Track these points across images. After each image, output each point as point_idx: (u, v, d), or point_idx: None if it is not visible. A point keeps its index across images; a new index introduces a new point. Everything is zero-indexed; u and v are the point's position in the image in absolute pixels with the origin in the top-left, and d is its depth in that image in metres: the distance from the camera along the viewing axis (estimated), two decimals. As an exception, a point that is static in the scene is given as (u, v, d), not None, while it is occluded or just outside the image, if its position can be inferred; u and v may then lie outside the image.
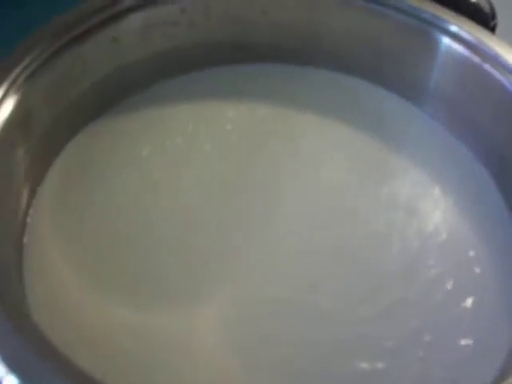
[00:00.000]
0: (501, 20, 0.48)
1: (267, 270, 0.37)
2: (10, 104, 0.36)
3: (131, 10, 0.42)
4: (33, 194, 0.39)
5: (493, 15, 0.49)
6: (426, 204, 0.40)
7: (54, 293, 0.35)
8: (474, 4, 0.43)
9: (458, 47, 0.40)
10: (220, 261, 0.37)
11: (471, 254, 0.38)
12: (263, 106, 0.44)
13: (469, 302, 0.36)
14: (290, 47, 0.45)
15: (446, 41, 0.40)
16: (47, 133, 0.39)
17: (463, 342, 0.35)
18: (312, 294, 0.36)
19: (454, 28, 0.40)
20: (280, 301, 0.36)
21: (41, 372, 0.27)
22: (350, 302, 0.36)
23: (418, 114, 0.44)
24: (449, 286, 0.37)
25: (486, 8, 0.45)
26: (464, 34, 0.39)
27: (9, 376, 0.27)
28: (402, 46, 0.42)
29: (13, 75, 0.36)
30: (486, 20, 0.47)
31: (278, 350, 0.34)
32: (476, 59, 0.40)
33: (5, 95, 0.36)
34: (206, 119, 0.44)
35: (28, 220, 0.38)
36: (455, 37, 0.40)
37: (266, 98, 0.45)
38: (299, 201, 0.40)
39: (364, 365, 0.34)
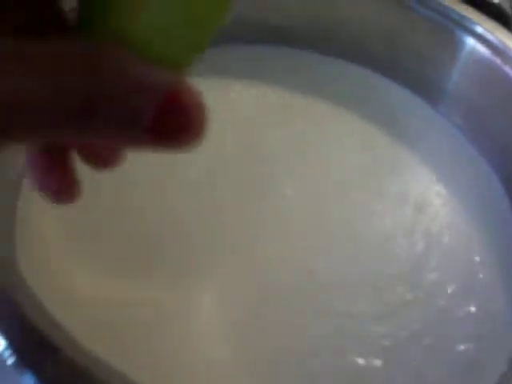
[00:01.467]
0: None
1: (261, 257, 0.36)
2: None
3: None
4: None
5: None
6: (432, 205, 0.39)
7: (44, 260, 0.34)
8: (495, 5, 0.42)
9: (481, 49, 0.39)
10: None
11: (476, 259, 0.37)
12: (273, 91, 0.43)
13: (472, 307, 0.35)
14: (304, 32, 0.44)
15: (470, 42, 0.39)
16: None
17: (464, 346, 0.34)
18: (313, 288, 0.35)
19: (479, 29, 0.38)
20: (279, 289, 0.35)
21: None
22: (350, 297, 0.35)
23: (431, 112, 0.43)
24: (451, 289, 0.36)
25: (508, 9, 0.44)
26: (489, 36, 0.38)
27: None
28: (423, 43, 0.41)
29: None
30: (507, 21, 0.46)
31: (276, 340, 0.33)
32: (497, 61, 0.39)
33: None
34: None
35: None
36: (480, 38, 0.38)
37: (277, 84, 0.43)
38: (302, 191, 0.39)
39: (359, 361, 0.33)
